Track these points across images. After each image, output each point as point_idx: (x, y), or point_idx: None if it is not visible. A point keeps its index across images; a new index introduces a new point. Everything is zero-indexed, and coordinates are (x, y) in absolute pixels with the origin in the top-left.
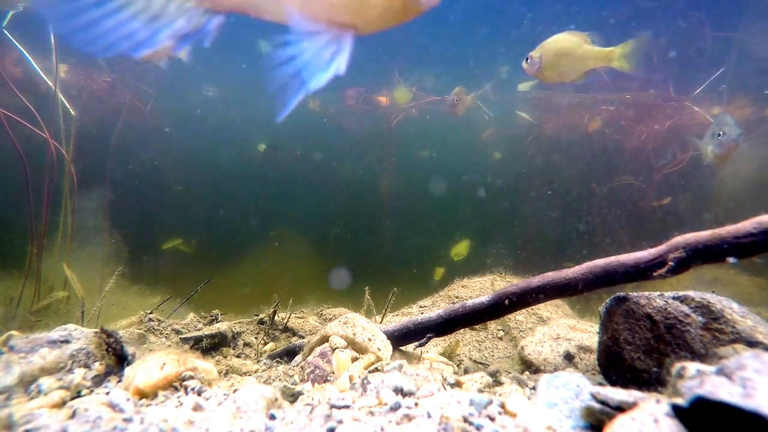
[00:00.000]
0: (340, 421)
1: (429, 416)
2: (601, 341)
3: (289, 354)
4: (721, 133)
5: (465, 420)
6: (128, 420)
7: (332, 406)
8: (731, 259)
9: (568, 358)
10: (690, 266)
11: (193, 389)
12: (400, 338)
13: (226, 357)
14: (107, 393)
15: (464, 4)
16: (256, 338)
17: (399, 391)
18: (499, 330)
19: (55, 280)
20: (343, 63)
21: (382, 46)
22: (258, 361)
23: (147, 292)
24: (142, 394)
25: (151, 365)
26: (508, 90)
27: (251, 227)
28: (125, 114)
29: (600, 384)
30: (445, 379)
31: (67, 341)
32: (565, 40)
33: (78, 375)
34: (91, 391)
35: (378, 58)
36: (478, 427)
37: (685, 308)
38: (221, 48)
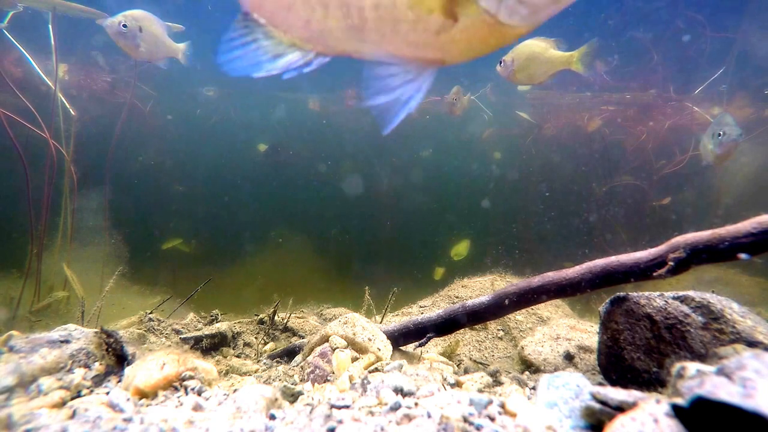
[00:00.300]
0: (340, 421)
1: (429, 416)
2: (601, 341)
3: (289, 354)
4: (721, 133)
5: (465, 420)
6: (128, 420)
7: (332, 406)
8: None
9: (568, 358)
10: (690, 266)
11: (193, 389)
12: (400, 338)
13: (226, 357)
14: (107, 393)
15: None
16: (256, 338)
17: (399, 391)
18: (499, 330)
19: (55, 280)
20: (420, 95)
21: None
22: (258, 361)
23: (147, 292)
24: (142, 394)
25: (151, 365)
26: (508, 90)
27: (251, 227)
28: (125, 114)
29: (600, 384)
30: (445, 379)
31: (67, 341)
32: (534, 45)
33: (78, 375)
34: (91, 391)
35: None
36: (478, 427)
37: (685, 308)
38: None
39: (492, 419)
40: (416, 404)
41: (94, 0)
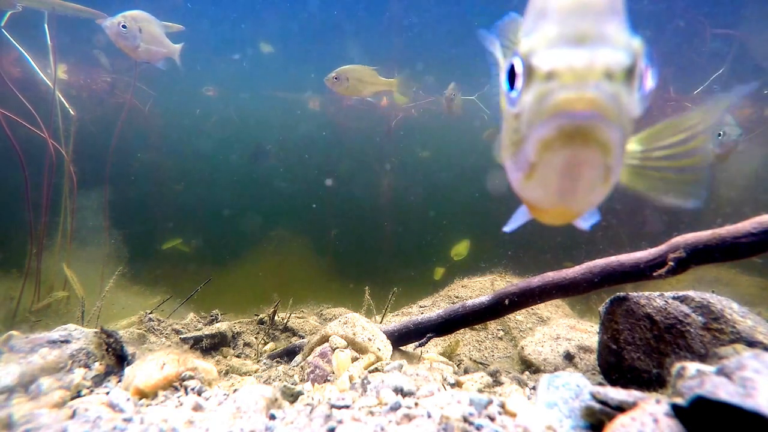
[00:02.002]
0: (340, 421)
1: (429, 416)
2: (601, 341)
3: (289, 354)
4: (721, 133)
5: (465, 420)
6: (128, 420)
7: (332, 406)
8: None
9: (568, 358)
10: (690, 266)
11: (193, 389)
12: (400, 338)
13: (226, 357)
14: (107, 393)
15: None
16: (256, 338)
17: (399, 391)
18: (499, 330)
19: (55, 280)
20: None
21: (383, 47)
22: (258, 361)
23: (147, 292)
24: (142, 394)
25: (151, 365)
26: None
27: (251, 227)
28: (125, 114)
29: (600, 384)
30: (445, 379)
31: (67, 341)
32: (363, 70)
33: (78, 375)
34: (91, 391)
35: (378, 59)
36: (478, 427)
37: (685, 308)
38: (221, 48)
39: (492, 419)
40: (416, 404)
41: (94, 0)
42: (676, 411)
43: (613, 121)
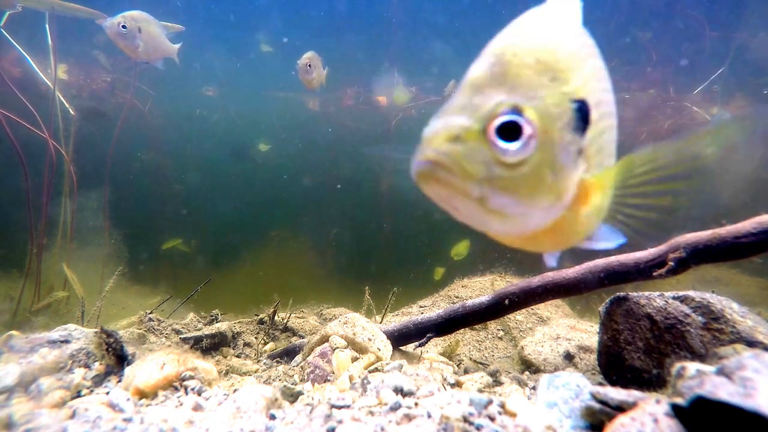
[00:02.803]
0: (340, 421)
1: (429, 416)
2: (601, 341)
3: (289, 354)
4: None
5: (465, 420)
6: (128, 420)
7: (332, 406)
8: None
9: (568, 358)
10: (690, 266)
11: (193, 389)
12: (400, 338)
13: (226, 357)
14: (107, 393)
15: (464, 5)
16: (256, 338)
17: (399, 390)
18: (499, 330)
19: (55, 280)
20: None
21: (382, 47)
22: (258, 361)
23: (147, 292)
24: (142, 394)
25: (151, 365)
26: None
27: (251, 227)
28: (125, 114)
29: (600, 384)
30: (445, 379)
31: (67, 341)
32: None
33: (78, 375)
34: (91, 391)
35: (378, 59)
36: (478, 427)
37: (685, 308)
38: (221, 48)
39: (492, 419)
40: (416, 404)
41: (94, 0)
42: (676, 411)
43: (448, 168)
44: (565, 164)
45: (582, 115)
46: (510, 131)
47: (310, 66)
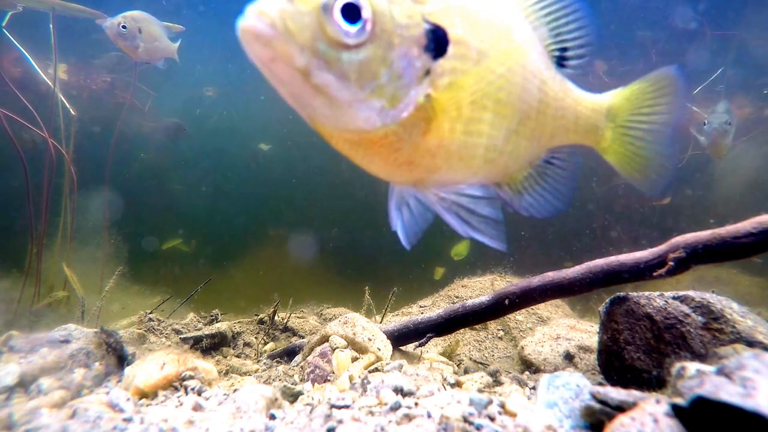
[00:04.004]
0: (340, 421)
1: (429, 416)
2: (601, 341)
3: (289, 354)
4: (705, 122)
5: (465, 420)
6: (128, 420)
7: (332, 406)
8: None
9: (568, 358)
10: (690, 266)
11: (193, 389)
12: (400, 338)
13: (226, 357)
14: (107, 393)
15: None
16: (256, 338)
17: (399, 390)
18: (499, 330)
19: (55, 280)
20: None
21: None
22: (258, 361)
23: (147, 292)
24: (142, 394)
25: (151, 365)
26: None
27: (251, 227)
28: (125, 114)
29: (600, 384)
30: (445, 379)
31: (67, 341)
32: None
33: (78, 375)
34: (91, 391)
35: None
36: (478, 427)
37: (685, 308)
38: (221, 47)
39: (492, 419)
40: (416, 404)
41: (94, 0)
42: (676, 411)
43: (273, 23)
44: (404, 74)
45: (436, 39)
46: (351, 13)
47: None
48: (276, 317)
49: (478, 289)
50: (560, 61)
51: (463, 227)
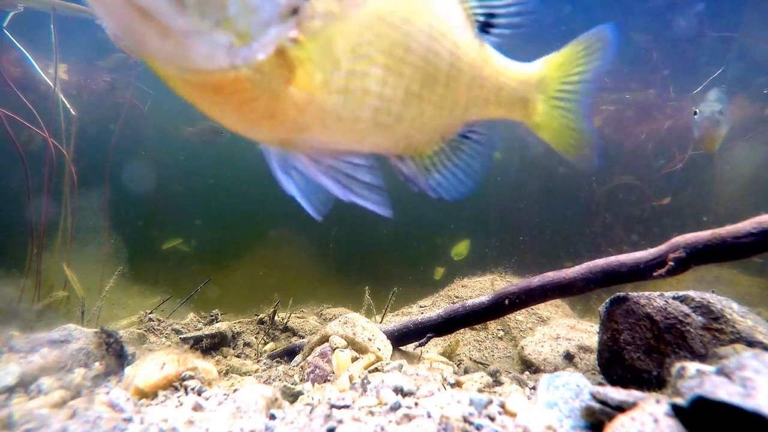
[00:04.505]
0: (340, 421)
1: (429, 416)
2: (601, 341)
3: (289, 354)
4: (696, 111)
5: (465, 420)
6: (128, 420)
7: (332, 406)
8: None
9: (568, 358)
10: (690, 266)
11: (193, 389)
12: (400, 338)
13: (226, 357)
14: (107, 393)
15: None
16: (256, 338)
17: (399, 390)
18: (499, 330)
19: (55, 280)
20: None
21: None
22: (258, 361)
23: (147, 292)
24: (142, 394)
25: (151, 365)
26: None
27: (251, 227)
28: (125, 114)
29: (600, 384)
30: (445, 379)
31: (67, 341)
32: None
33: (78, 375)
34: (91, 391)
35: None
36: (478, 427)
37: (685, 308)
38: None
39: (492, 419)
40: (416, 404)
41: None
42: (677, 411)
43: None
44: (261, 8)
45: None
46: None
47: None
48: (276, 317)
49: (478, 289)
50: (485, 27)
51: (344, 192)
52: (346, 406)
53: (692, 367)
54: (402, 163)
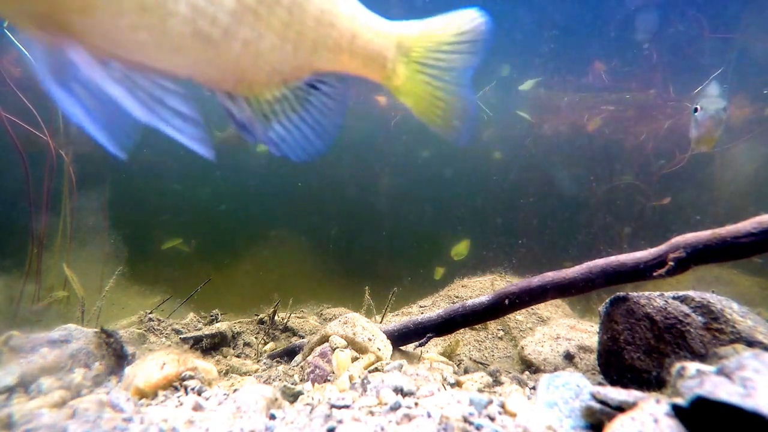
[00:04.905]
0: (340, 421)
1: (429, 416)
2: (601, 341)
3: (289, 354)
4: (697, 107)
5: (465, 420)
6: (128, 420)
7: (332, 406)
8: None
9: (568, 357)
10: (690, 266)
11: (193, 389)
12: (400, 338)
13: (226, 357)
14: (107, 393)
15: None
16: (256, 338)
17: (399, 390)
18: (499, 330)
19: (55, 280)
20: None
21: None
22: (258, 361)
23: (147, 292)
24: (142, 394)
25: (151, 365)
26: (507, 89)
27: (251, 227)
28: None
29: (600, 384)
30: (445, 379)
31: (67, 341)
32: None
33: (78, 375)
34: (91, 391)
35: None
36: (478, 427)
37: (685, 308)
38: None
39: (492, 419)
40: (416, 404)
41: None
42: (676, 411)
43: None
44: None
45: None
46: None
47: None
48: (276, 317)
49: (478, 289)
50: None
51: (147, 114)
52: (346, 406)
53: (692, 367)
54: (232, 103)
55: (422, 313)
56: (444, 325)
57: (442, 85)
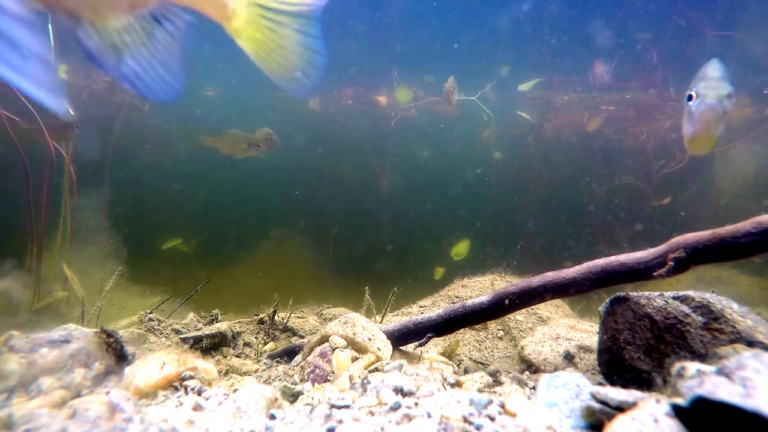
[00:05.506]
0: (340, 421)
1: (429, 416)
2: (601, 341)
3: (289, 354)
4: (693, 93)
5: (465, 420)
6: (128, 420)
7: (332, 406)
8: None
9: (568, 357)
10: (690, 266)
11: (193, 389)
12: (400, 338)
13: (226, 357)
14: (107, 393)
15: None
16: (256, 338)
17: (399, 390)
18: (499, 330)
19: (55, 280)
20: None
21: (381, 45)
22: (258, 361)
23: (147, 292)
24: (142, 394)
25: (151, 365)
26: (508, 90)
27: (251, 227)
28: (125, 114)
29: (600, 384)
30: (445, 379)
31: (67, 341)
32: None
33: (78, 375)
34: (91, 391)
35: (377, 58)
36: (478, 427)
37: (685, 308)
38: (221, 46)
39: (492, 419)
40: (416, 404)
41: None
42: (677, 411)
43: None
44: None
45: None
46: None
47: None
48: (276, 317)
49: (478, 289)
50: None
51: None
52: (346, 406)
53: (692, 367)
54: (78, 25)
55: (422, 313)
56: (444, 325)
57: (287, 32)
